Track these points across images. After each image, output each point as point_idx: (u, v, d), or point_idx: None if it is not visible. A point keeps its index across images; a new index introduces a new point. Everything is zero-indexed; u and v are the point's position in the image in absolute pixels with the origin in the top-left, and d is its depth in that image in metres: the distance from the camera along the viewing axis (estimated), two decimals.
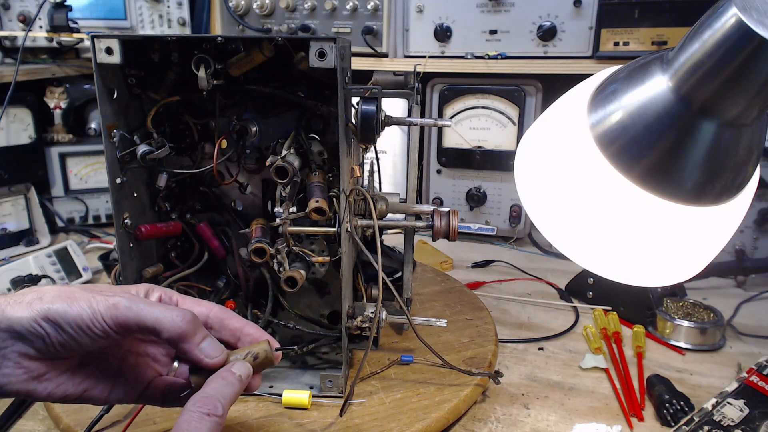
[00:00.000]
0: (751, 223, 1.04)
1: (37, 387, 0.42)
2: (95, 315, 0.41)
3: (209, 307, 0.48)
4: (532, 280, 1.04)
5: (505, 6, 1.10)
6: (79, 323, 0.40)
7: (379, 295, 0.64)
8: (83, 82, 1.27)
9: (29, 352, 0.41)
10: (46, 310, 0.40)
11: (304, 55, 0.60)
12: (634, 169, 0.46)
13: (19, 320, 0.40)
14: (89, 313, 0.41)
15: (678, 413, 0.64)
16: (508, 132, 1.16)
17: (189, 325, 0.42)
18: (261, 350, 0.45)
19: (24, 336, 0.40)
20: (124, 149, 0.64)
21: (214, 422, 0.38)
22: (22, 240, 1.14)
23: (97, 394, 0.45)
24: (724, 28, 0.39)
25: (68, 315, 0.40)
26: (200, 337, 0.43)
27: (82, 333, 0.41)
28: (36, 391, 0.42)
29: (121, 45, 0.57)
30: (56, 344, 0.41)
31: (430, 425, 0.60)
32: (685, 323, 0.81)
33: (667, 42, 1.00)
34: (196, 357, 0.43)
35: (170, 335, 0.42)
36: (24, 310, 0.40)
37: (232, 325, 0.47)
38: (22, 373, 0.41)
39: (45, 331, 0.40)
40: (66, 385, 0.43)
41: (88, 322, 0.41)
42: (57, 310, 0.40)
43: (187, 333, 0.42)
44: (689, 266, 0.51)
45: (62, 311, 0.40)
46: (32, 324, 0.40)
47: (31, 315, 0.40)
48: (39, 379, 0.42)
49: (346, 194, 0.62)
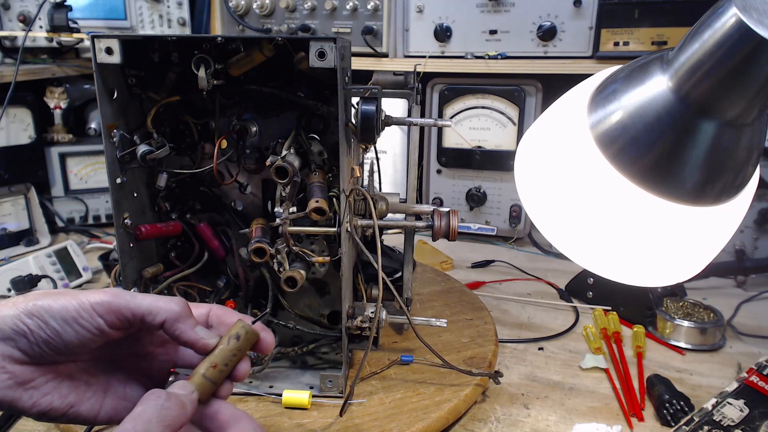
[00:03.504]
0: (751, 223, 1.04)
1: (22, 395, 0.40)
2: (83, 306, 0.40)
3: (208, 307, 0.47)
4: (532, 280, 1.04)
5: (505, 6, 1.10)
6: (64, 315, 0.40)
7: (379, 295, 0.64)
8: (83, 82, 1.27)
9: (14, 354, 0.40)
10: (31, 306, 0.40)
11: (304, 55, 0.60)
12: (634, 169, 0.46)
13: (3, 318, 0.39)
14: (75, 305, 0.40)
15: (678, 413, 0.64)
16: (508, 132, 1.16)
17: (184, 307, 0.42)
18: (238, 330, 0.43)
19: (8, 335, 0.39)
20: (124, 149, 0.64)
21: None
22: (22, 240, 1.14)
23: (86, 410, 0.43)
24: (724, 28, 0.39)
25: (52, 308, 0.40)
26: (194, 321, 0.43)
27: (68, 327, 0.40)
28: (20, 400, 0.40)
29: (121, 45, 0.57)
30: (40, 342, 0.40)
31: (430, 425, 0.60)
32: (685, 323, 0.81)
33: (667, 42, 1.00)
34: (192, 337, 0.42)
35: (167, 315, 0.41)
36: (9, 309, 0.40)
37: (228, 320, 0.46)
38: (7, 378, 0.39)
39: (28, 328, 0.39)
40: (52, 396, 0.41)
41: (74, 314, 0.40)
42: (41, 304, 0.40)
43: (183, 313, 0.42)
44: (689, 266, 0.51)
45: (46, 306, 0.40)
46: (15, 321, 0.39)
47: (15, 313, 0.39)
48: (24, 386, 0.40)
49: (346, 194, 0.62)
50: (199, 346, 0.42)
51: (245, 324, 0.43)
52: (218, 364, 0.42)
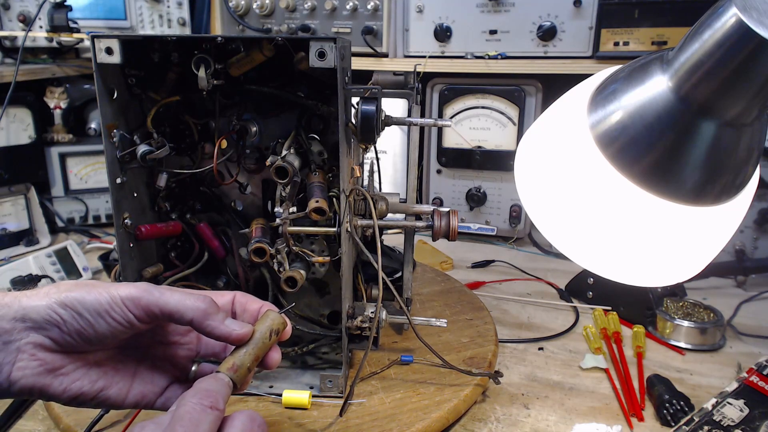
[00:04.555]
0: (751, 223, 1.03)
1: (53, 382, 0.41)
2: (114, 300, 0.41)
3: (231, 294, 0.48)
4: (532, 280, 1.04)
5: (505, 6, 1.10)
6: (97, 308, 0.40)
7: (379, 295, 0.64)
8: (83, 82, 1.27)
9: (45, 342, 0.41)
10: (64, 297, 0.40)
11: (304, 55, 0.60)
12: (634, 169, 0.46)
13: (35, 308, 0.40)
14: (107, 298, 0.41)
15: (678, 413, 0.64)
16: (508, 132, 1.16)
17: (211, 304, 0.43)
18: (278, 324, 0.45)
19: (40, 325, 0.40)
20: (124, 149, 0.64)
21: (216, 415, 0.37)
22: (22, 240, 1.14)
23: (114, 394, 0.44)
24: (724, 28, 0.39)
25: (86, 300, 0.40)
26: (223, 315, 0.43)
27: (100, 319, 0.41)
28: (51, 386, 0.41)
29: (121, 45, 0.57)
30: (72, 333, 0.41)
31: (430, 425, 0.60)
32: (685, 323, 0.81)
33: (667, 42, 1.00)
34: (224, 332, 0.43)
35: (194, 315, 0.42)
36: (41, 299, 0.40)
37: (252, 307, 0.48)
38: (37, 365, 0.41)
39: (61, 318, 0.40)
40: (82, 381, 0.43)
41: (107, 307, 0.41)
42: (74, 296, 0.40)
43: (210, 310, 0.42)
44: (689, 266, 0.51)
45: (80, 297, 0.41)
46: (48, 311, 0.40)
47: (48, 303, 0.40)
48: (54, 372, 0.41)
49: (346, 194, 0.62)
50: (232, 339, 0.43)
51: (280, 316, 0.45)
52: (260, 355, 0.43)
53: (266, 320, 0.45)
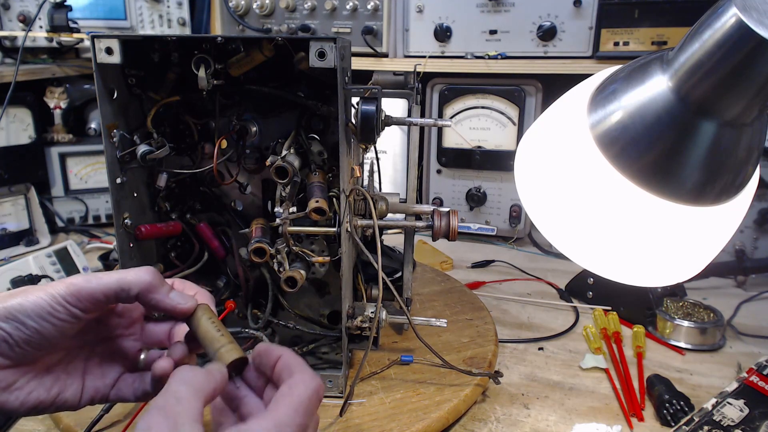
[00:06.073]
0: (751, 223, 1.03)
1: (8, 398, 0.41)
2: (54, 299, 0.40)
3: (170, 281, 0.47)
4: (532, 280, 1.04)
5: (505, 6, 1.10)
6: (39, 312, 0.39)
7: (379, 295, 0.64)
8: (83, 82, 1.27)
9: None
10: (2, 309, 0.39)
11: (304, 55, 0.60)
12: (634, 168, 0.46)
13: None
14: (46, 299, 0.40)
15: (678, 413, 0.64)
16: (508, 132, 1.16)
17: (155, 276, 0.42)
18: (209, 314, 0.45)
19: None
20: (124, 149, 0.64)
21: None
22: (22, 240, 1.14)
23: (70, 396, 0.44)
24: (724, 28, 0.39)
25: (25, 307, 0.39)
26: (167, 288, 0.43)
27: (45, 322, 0.40)
28: (8, 402, 0.41)
29: (121, 45, 0.57)
30: (21, 343, 0.40)
31: (430, 425, 0.60)
32: (685, 323, 0.81)
33: (667, 42, 1.00)
34: (168, 305, 0.43)
35: (140, 288, 0.41)
36: None
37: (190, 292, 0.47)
38: None
39: (6, 332, 0.39)
40: (38, 391, 0.42)
41: (48, 308, 0.40)
42: (13, 306, 0.39)
43: (154, 282, 0.42)
44: (689, 266, 0.51)
45: (18, 306, 0.39)
46: None
47: None
48: (9, 389, 0.41)
49: (346, 194, 0.62)
50: (177, 311, 0.43)
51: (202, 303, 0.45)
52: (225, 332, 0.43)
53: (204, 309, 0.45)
